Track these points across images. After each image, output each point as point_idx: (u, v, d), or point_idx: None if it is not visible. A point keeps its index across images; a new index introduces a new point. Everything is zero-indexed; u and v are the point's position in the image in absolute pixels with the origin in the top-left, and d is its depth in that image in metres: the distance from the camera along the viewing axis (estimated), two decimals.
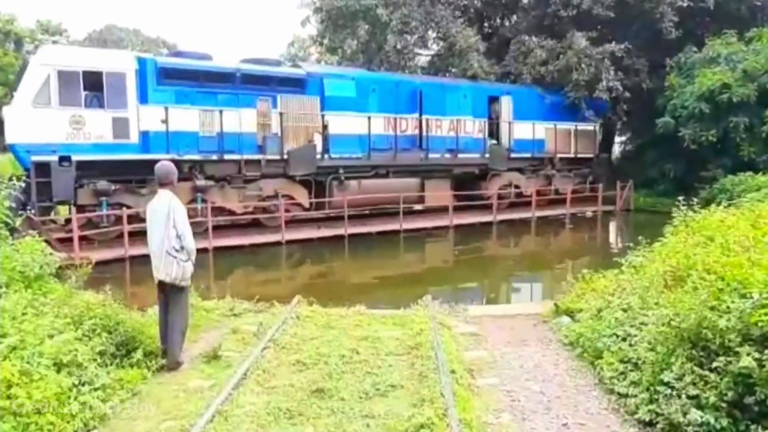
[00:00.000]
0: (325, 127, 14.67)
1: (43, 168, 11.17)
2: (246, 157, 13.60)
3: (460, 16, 22.78)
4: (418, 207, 17.03)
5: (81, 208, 11.90)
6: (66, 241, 10.78)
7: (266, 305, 6.92)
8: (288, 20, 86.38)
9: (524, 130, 18.72)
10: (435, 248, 14.66)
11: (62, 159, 11.33)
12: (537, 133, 19.06)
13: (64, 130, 11.38)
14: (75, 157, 11.43)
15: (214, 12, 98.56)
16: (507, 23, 25.32)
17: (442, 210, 16.26)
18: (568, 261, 12.45)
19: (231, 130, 13.24)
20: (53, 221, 12.13)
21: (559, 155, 19.71)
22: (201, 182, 13.01)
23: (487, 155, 17.76)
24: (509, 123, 18.58)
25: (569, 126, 19.99)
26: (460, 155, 17.17)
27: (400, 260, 13.42)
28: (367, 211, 15.80)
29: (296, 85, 14.64)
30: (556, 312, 6.42)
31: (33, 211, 10.10)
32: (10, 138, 11.20)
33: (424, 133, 16.58)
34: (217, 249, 12.24)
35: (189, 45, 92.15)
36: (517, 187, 18.71)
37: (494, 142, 18.35)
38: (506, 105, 18.68)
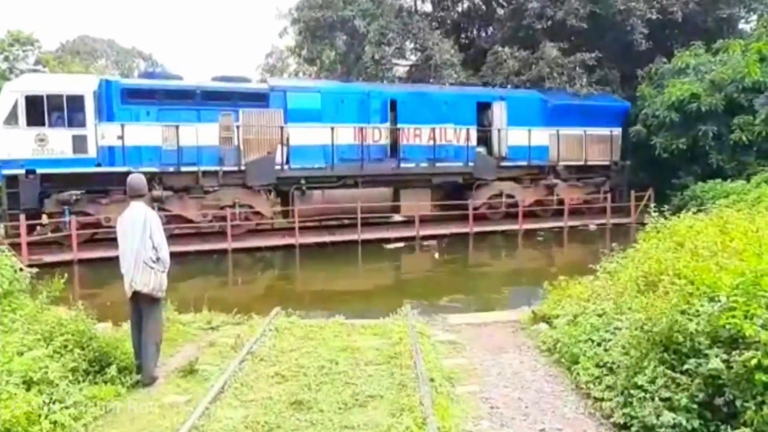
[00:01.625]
0: (287, 139, 15.14)
1: (12, 180, 12.69)
2: (203, 168, 14.31)
3: (437, 28, 23.11)
4: (398, 217, 17.01)
5: (50, 216, 13.18)
6: (33, 245, 12.21)
7: (244, 317, 6.86)
8: (266, 31, 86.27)
9: (520, 137, 17.64)
10: (409, 260, 14.43)
11: (28, 172, 12.76)
12: (536, 140, 17.86)
13: (30, 147, 12.81)
14: (39, 170, 12.84)
15: (190, 22, 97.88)
16: (484, 34, 25.72)
17: (424, 220, 16.20)
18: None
19: (190, 143, 14.06)
20: (33, 227, 13.06)
21: (563, 163, 18.33)
22: (158, 192, 13.62)
23: (471, 164, 17.11)
24: (500, 130, 17.71)
25: (577, 131, 18.50)
26: (439, 164, 16.82)
27: (364, 270, 13.34)
28: (333, 221, 15.80)
29: (259, 99, 15.27)
30: (534, 319, 6.49)
31: None
32: None
33: (400, 142, 16.56)
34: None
35: (164, 55, 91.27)
36: (510, 197, 17.69)
37: (480, 150, 17.59)
38: (499, 111, 17.85)
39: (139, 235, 4.55)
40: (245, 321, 6.76)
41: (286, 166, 15.15)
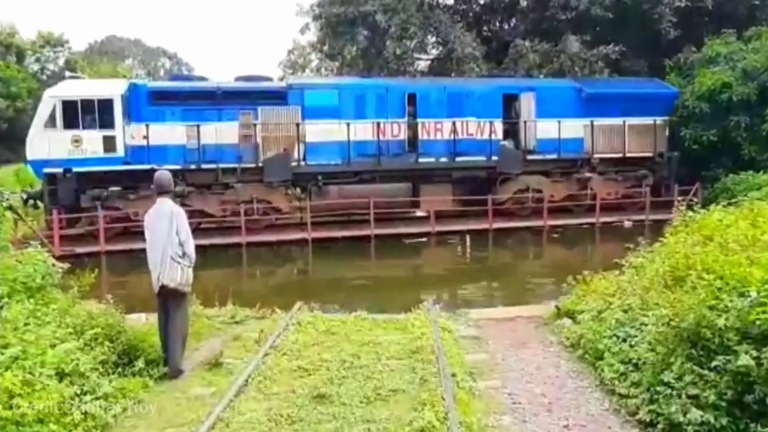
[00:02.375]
0: (303, 136, 15.51)
1: (52, 178, 13.97)
2: (222, 165, 14.85)
3: (459, 21, 22.88)
4: (420, 213, 16.93)
5: (86, 210, 14.28)
6: (71, 237, 13.58)
7: (268, 311, 6.94)
8: (288, 27, 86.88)
9: (550, 129, 16.71)
10: (430, 255, 14.50)
11: (65, 171, 13.88)
12: (568, 132, 16.89)
13: (66, 148, 13.92)
14: (75, 169, 13.94)
15: (214, 20, 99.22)
16: (506, 26, 25.39)
17: (445, 216, 16.05)
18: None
19: (211, 141, 14.79)
20: (75, 220, 14.27)
21: (599, 155, 17.20)
22: (180, 188, 13.98)
23: (495, 158, 16.53)
24: (527, 122, 16.92)
25: (615, 121, 17.32)
26: (459, 159, 16.47)
27: (384, 265, 13.45)
28: (347, 217, 15.71)
29: (278, 97, 15.65)
30: (557, 314, 6.42)
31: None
32: (29, 155, 14.24)
33: (420, 137, 16.45)
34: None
35: (189, 54, 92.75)
36: (538, 191, 16.83)
37: (505, 143, 16.92)
38: (527, 102, 17.07)
39: (166, 230, 4.66)
40: (268, 315, 6.85)
41: (302, 163, 15.43)
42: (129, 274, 11.25)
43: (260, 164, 15.11)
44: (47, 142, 13.85)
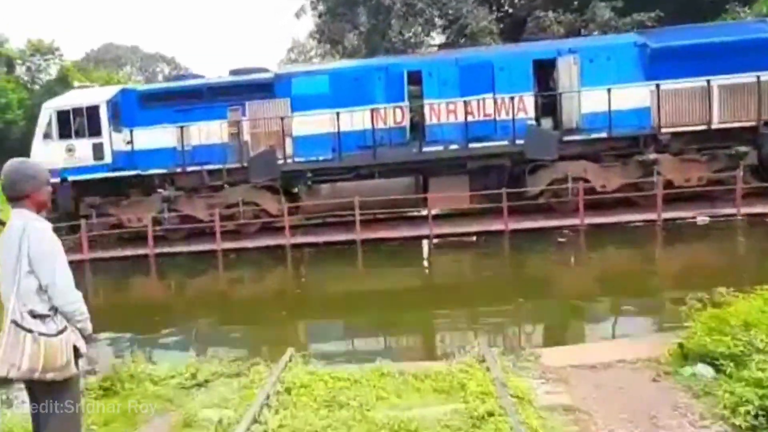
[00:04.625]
0: (290, 129, 14.22)
1: (52, 187, 13.17)
2: (207, 167, 14.08)
3: None
4: (435, 211, 14.48)
5: (84, 217, 14.12)
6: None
7: (244, 365, 4.79)
8: (288, 27, 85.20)
9: (600, 100, 13.05)
10: (441, 263, 12.12)
11: (62, 180, 13.89)
12: (626, 101, 13.02)
13: (62, 157, 14.11)
14: (70, 177, 14.07)
15: (213, 24, 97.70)
16: (523, 0, 23.09)
17: (466, 215, 13.80)
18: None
19: (201, 142, 14.15)
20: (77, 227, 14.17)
21: (669, 129, 13.15)
22: (166, 193, 14.15)
23: (520, 141, 13.30)
24: (566, 94, 13.58)
25: (695, 83, 12.98)
26: (474, 145, 13.59)
27: (389, 274, 11.06)
28: (334, 218, 14.04)
29: (265, 90, 14.42)
30: (683, 357, 4.20)
31: None
32: None
33: (427, 122, 13.95)
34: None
35: (188, 58, 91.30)
36: (585, 181, 13.27)
37: (533, 122, 13.71)
38: (566, 68, 13.64)
39: (11, 267, 2.49)
40: (246, 371, 4.68)
41: (290, 159, 13.95)
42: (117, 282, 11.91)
43: (245, 164, 13.89)
44: (46, 152, 14.05)
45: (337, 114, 13.44)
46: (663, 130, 13.08)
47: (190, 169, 14.09)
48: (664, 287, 7.93)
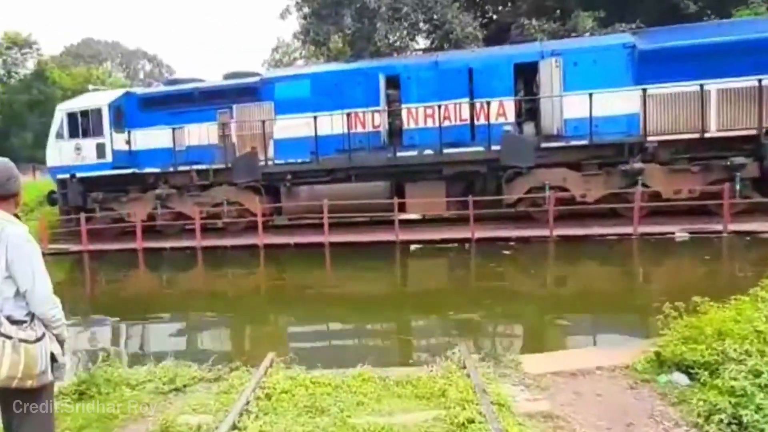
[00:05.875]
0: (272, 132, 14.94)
1: (63, 183, 15.86)
2: (195, 167, 14.99)
3: (455, 1, 20.77)
4: (414, 216, 14.56)
5: (92, 211, 15.65)
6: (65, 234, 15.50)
7: (224, 369, 4.74)
8: (273, 26, 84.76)
9: (582, 105, 12.45)
10: (428, 265, 11.99)
11: (72, 176, 15.61)
12: (611, 106, 12.39)
13: (71, 155, 15.68)
14: (78, 174, 15.62)
15: (196, 20, 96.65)
16: (507, 7, 23.33)
17: (441, 221, 13.82)
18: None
19: (193, 143, 15.09)
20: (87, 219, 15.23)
21: (657, 138, 12.39)
22: (159, 191, 15.17)
23: (496, 148, 12.95)
24: (545, 98, 13.14)
25: (687, 87, 12.21)
26: (449, 150, 13.35)
27: (373, 276, 10.89)
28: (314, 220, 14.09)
29: (251, 93, 15.11)
30: (659, 364, 4.28)
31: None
32: (48, 163, 16.38)
33: (405, 126, 14.08)
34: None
35: (170, 55, 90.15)
36: (563, 189, 12.93)
37: (510, 128, 13.42)
38: (548, 72, 13.13)
39: None
40: (225, 375, 4.63)
41: (270, 162, 14.57)
42: (117, 272, 12.90)
43: (229, 165, 14.69)
44: (58, 151, 15.79)
45: (315, 117, 13.85)
46: (649, 138, 12.42)
47: (181, 168, 15.04)
48: (629, 300, 8.03)
